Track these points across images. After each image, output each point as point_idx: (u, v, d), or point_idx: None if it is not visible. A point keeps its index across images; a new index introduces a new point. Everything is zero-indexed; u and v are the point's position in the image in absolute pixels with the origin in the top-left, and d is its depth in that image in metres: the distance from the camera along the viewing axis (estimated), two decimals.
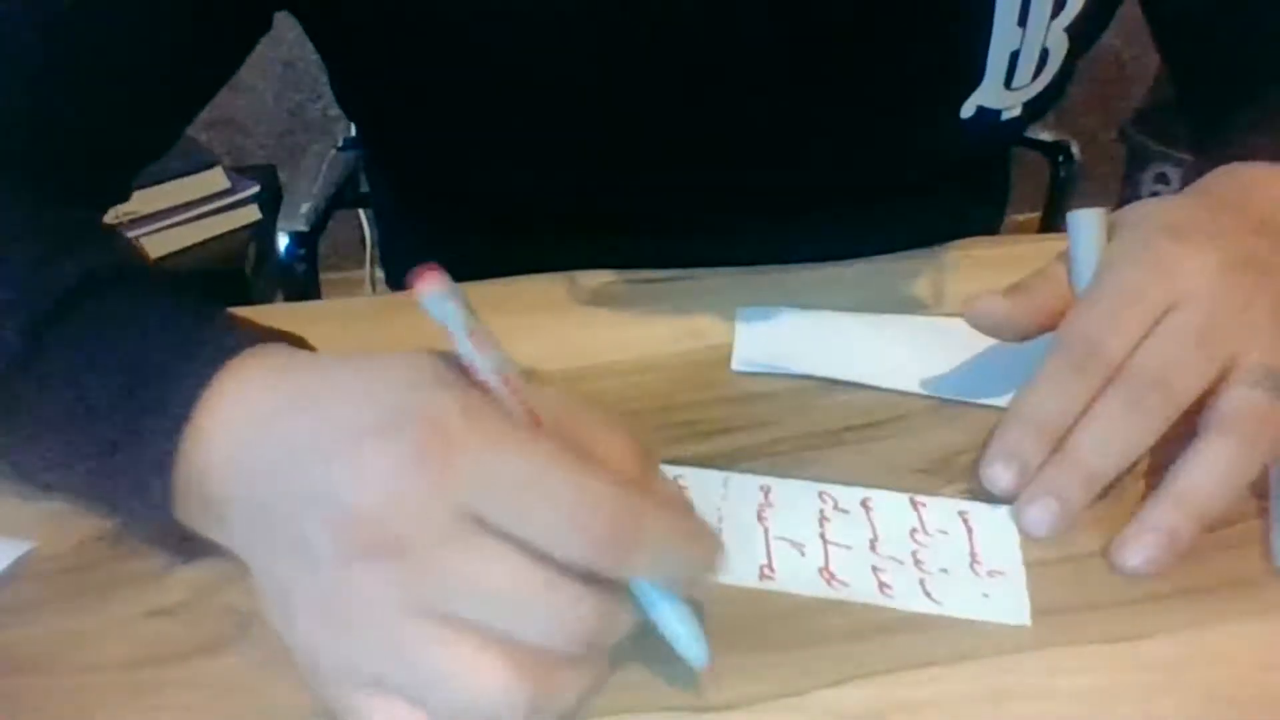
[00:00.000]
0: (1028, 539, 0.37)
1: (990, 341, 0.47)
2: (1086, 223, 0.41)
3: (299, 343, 0.36)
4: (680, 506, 0.31)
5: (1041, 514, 0.36)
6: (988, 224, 0.70)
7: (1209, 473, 0.35)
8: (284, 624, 0.29)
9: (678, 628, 0.30)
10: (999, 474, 0.37)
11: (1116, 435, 0.36)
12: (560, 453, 0.27)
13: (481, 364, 0.29)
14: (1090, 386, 0.37)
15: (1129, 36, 1.68)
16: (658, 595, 0.29)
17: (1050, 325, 0.40)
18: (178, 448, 0.32)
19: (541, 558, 0.26)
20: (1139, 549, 0.35)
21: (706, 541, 0.29)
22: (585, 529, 0.26)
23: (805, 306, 0.50)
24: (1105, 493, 0.37)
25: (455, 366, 0.29)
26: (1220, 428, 0.36)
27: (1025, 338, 0.41)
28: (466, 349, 0.29)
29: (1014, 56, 0.49)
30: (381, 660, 0.27)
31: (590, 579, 0.27)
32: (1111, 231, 0.41)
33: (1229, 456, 0.35)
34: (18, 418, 0.35)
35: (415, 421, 0.27)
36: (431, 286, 0.28)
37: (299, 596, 0.28)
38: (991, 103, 0.51)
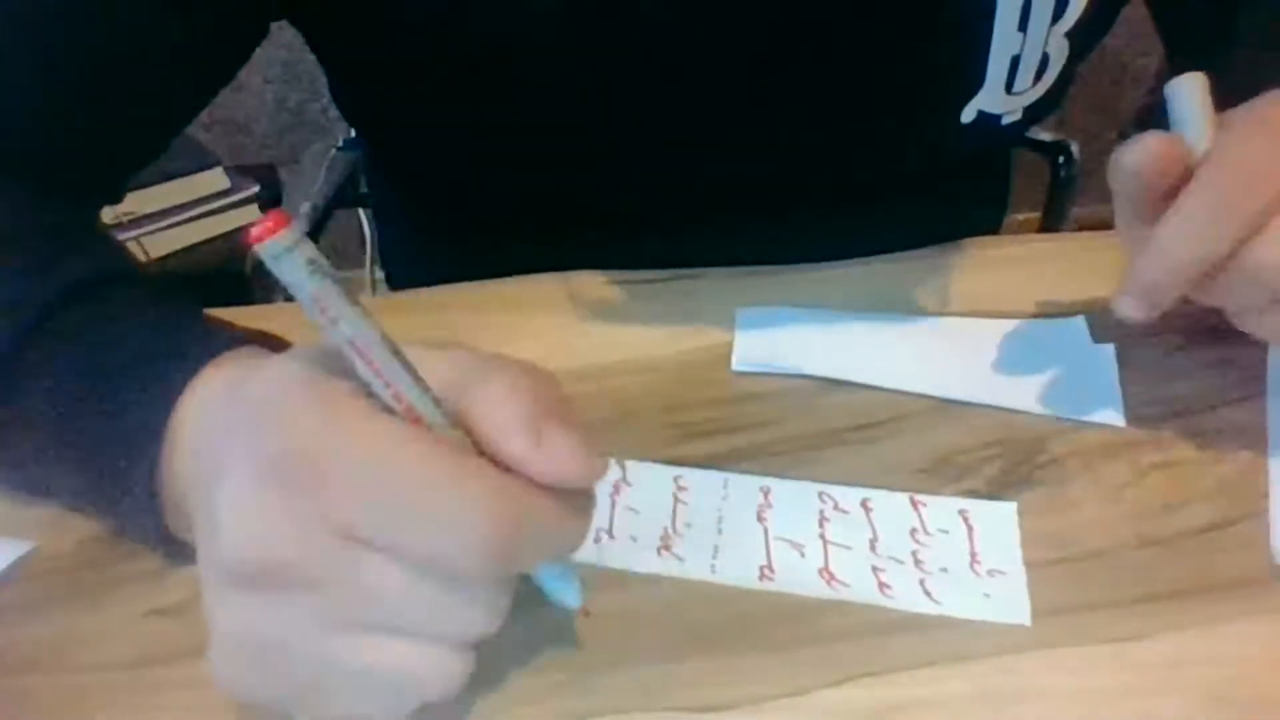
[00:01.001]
0: (1026, 535, 0.37)
1: (990, 341, 0.47)
2: (1188, 89, 0.40)
3: (277, 343, 0.36)
4: (558, 483, 0.26)
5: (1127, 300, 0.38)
6: (988, 224, 0.70)
7: None
8: (218, 679, 0.28)
9: (550, 578, 0.30)
10: (1128, 307, 0.38)
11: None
12: (427, 454, 0.25)
13: (333, 336, 0.25)
14: (1230, 240, 0.36)
15: (1129, 38, 1.68)
16: None
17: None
18: (159, 454, 0.32)
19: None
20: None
21: (582, 515, 0.28)
22: (464, 545, 0.25)
23: (805, 306, 0.50)
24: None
25: (330, 358, 0.26)
26: None
27: (1169, 184, 0.39)
28: (314, 316, 0.25)
29: (1014, 61, 0.48)
30: (316, 685, 0.27)
31: None
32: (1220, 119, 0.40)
33: None
34: (9, 432, 0.35)
35: (282, 449, 0.25)
36: (272, 237, 0.23)
37: (220, 647, 0.27)
38: (992, 107, 0.51)
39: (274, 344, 0.36)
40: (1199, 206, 0.37)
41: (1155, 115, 0.40)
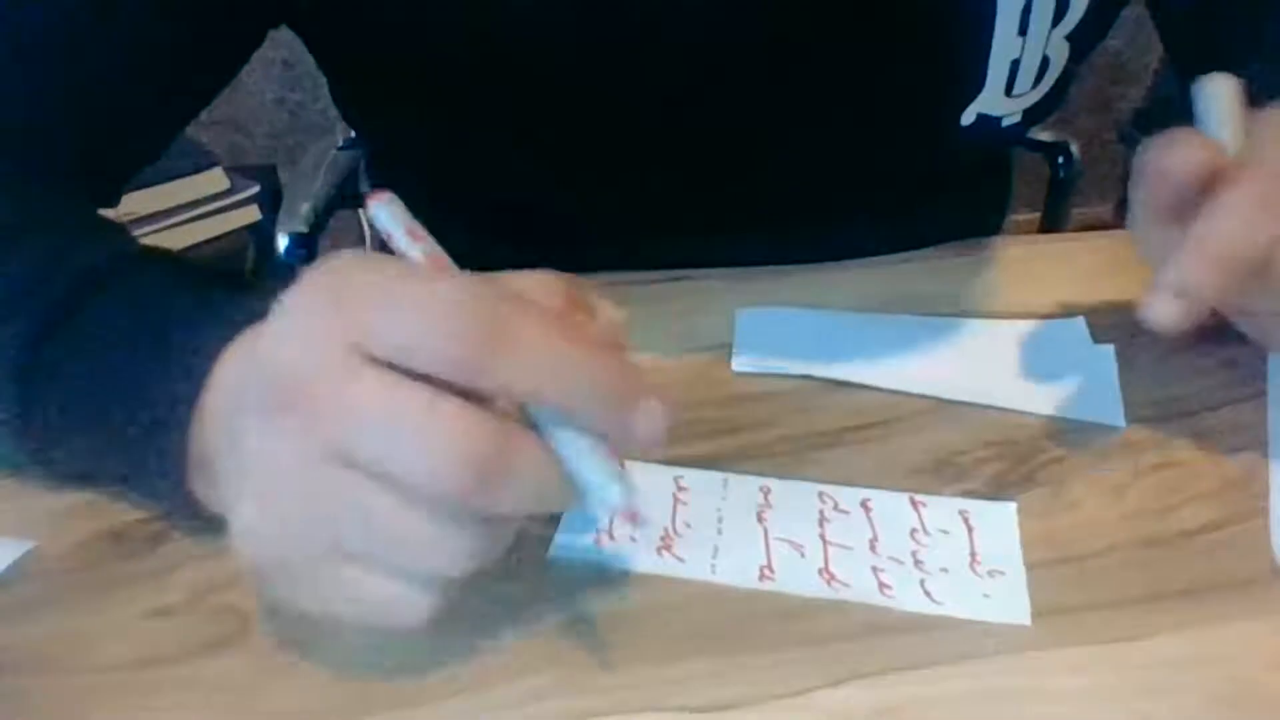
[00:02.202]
0: (1026, 535, 0.37)
1: (990, 341, 0.47)
2: (1219, 90, 0.39)
3: None
4: (591, 334, 0.28)
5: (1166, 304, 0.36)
6: (988, 225, 0.70)
7: None
8: (241, 536, 0.28)
9: (583, 465, 0.27)
10: (1162, 308, 0.36)
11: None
12: (444, 277, 0.27)
13: (416, 250, 0.30)
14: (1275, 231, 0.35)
15: (1129, 37, 1.68)
16: (566, 434, 0.27)
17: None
18: (189, 420, 0.32)
19: (430, 384, 0.26)
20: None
21: (611, 369, 0.27)
22: (449, 327, 0.25)
23: (805, 306, 0.50)
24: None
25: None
26: None
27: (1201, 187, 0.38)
28: (402, 244, 0.30)
29: (1014, 65, 0.48)
30: (315, 518, 0.27)
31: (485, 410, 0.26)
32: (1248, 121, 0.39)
33: None
34: (32, 413, 0.35)
35: (316, 278, 0.27)
36: (380, 198, 0.30)
37: (244, 488, 0.28)
38: (992, 110, 0.51)
39: None
40: (1245, 203, 0.36)
41: (1155, 115, 0.40)
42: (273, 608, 0.34)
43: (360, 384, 0.26)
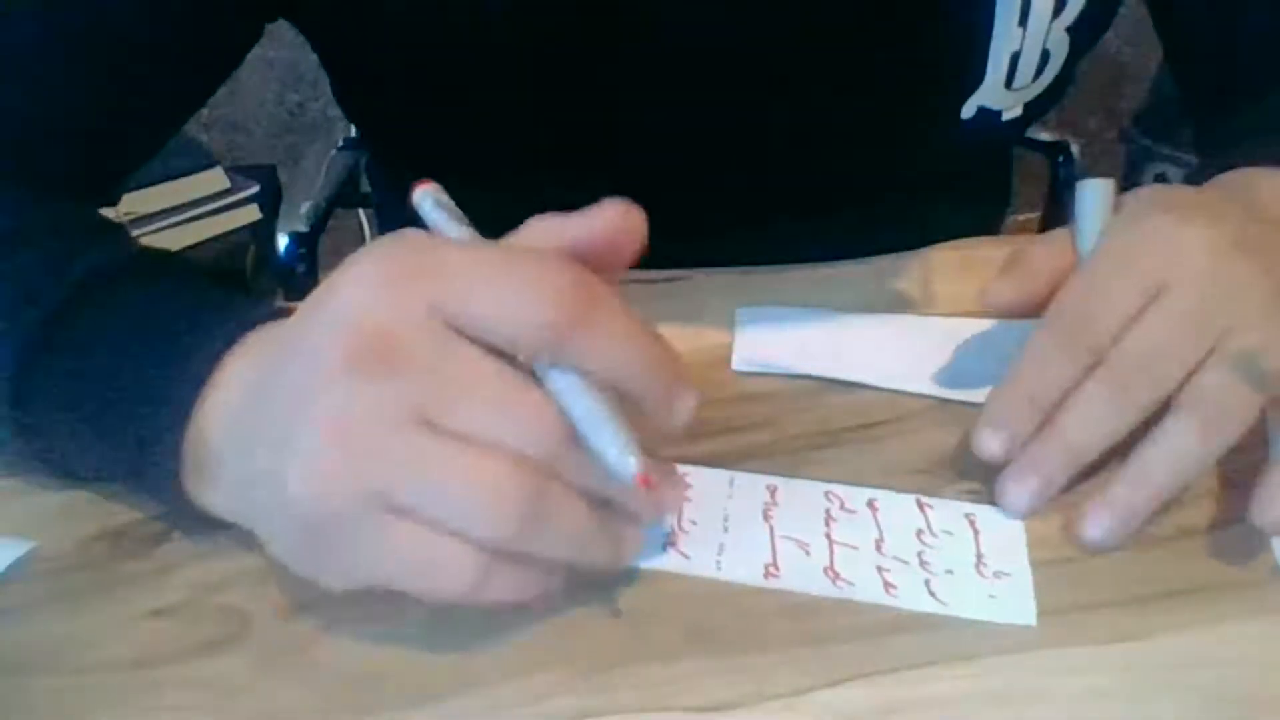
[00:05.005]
0: (1029, 535, 0.37)
1: (991, 341, 0.47)
2: (1093, 192, 0.41)
3: None
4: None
5: (1021, 490, 0.37)
6: (988, 224, 0.70)
7: (1167, 452, 0.36)
8: (283, 503, 0.28)
9: (603, 433, 0.29)
10: (987, 441, 0.38)
11: (1099, 418, 0.37)
12: (521, 250, 0.29)
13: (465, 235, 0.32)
14: (1078, 365, 0.37)
15: (1129, 36, 1.68)
16: (589, 402, 0.29)
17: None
18: (189, 420, 0.33)
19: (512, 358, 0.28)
20: (1096, 523, 0.36)
21: (668, 351, 0.31)
22: (536, 297, 0.27)
23: (805, 306, 0.50)
24: (1088, 475, 0.38)
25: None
26: (1187, 408, 0.36)
27: (1039, 313, 0.40)
28: (452, 231, 0.32)
29: (1015, 57, 0.49)
30: (384, 474, 0.28)
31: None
32: (1117, 209, 0.41)
33: (1188, 438, 0.36)
34: (43, 402, 0.35)
35: (388, 249, 0.29)
36: (424, 188, 0.34)
37: (295, 447, 0.28)
38: (992, 103, 0.51)
39: None
40: (1045, 344, 0.38)
41: (1155, 115, 0.41)
42: (273, 608, 0.34)
43: (455, 355, 0.27)
